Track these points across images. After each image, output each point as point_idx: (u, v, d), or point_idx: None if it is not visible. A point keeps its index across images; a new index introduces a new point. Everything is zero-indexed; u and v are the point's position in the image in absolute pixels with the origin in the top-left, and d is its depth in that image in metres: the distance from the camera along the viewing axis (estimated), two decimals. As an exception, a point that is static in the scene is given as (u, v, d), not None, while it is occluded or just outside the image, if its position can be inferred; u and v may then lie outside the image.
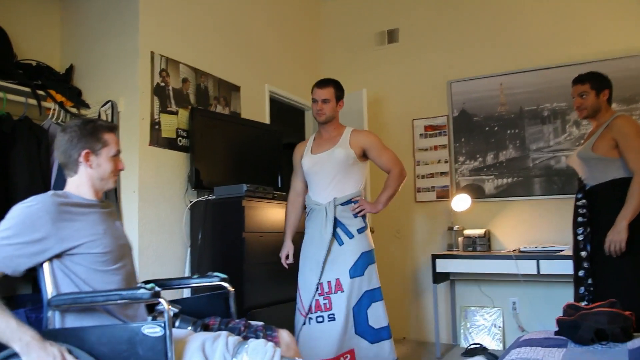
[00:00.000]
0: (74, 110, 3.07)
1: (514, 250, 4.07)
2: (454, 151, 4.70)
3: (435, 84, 4.81)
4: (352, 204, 2.98)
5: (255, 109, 4.12)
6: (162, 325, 1.52)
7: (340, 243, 2.92)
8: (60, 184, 2.73)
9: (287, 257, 3.09)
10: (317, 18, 5.39)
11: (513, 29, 4.54)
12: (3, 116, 2.62)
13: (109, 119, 3.10)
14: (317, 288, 2.88)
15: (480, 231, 4.36)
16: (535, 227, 4.32)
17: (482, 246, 4.30)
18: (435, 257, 4.17)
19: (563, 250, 3.81)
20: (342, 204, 2.95)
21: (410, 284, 4.78)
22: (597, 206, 2.88)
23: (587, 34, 4.26)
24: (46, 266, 1.69)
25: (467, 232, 4.40)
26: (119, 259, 1.84)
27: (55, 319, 1.67)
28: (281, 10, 4.70)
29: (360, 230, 2.97)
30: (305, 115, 5.12)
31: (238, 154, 3.68)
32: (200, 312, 2.12)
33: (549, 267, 3.75)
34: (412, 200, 4.83)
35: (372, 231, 4.25)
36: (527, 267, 3.80)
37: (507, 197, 4.45)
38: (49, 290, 1.69)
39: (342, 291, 2.85)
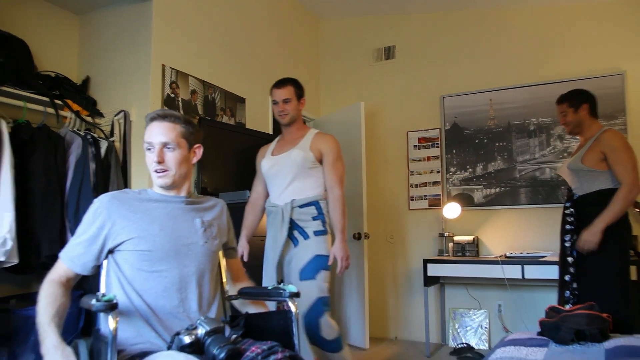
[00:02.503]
0: (89, 119, 3.07)
1: (500, 256, 4.09)
2: (445, 162, 4.73)
3: (428, 98, 4.85)
4: (313, 206, 2.73)
5: (259, 119, 4.15)
6: (106, 342, 1.36)
7: (296, 244, 2.70)
8: (75, 188, 2.76)
9: (241, 256, 2.78)
10: (318, 35, 5.43)
11: (502, 48, 4.59)
12: (23, 124, 2.62)
13: (122, 128, 3.10)
14: None
15: (469, 238, 4.38)
16: (520, 234, 4.35)
17: (470, 252, 4.32)
18: (426, 261, 4.18)
19: (546, 256, 3.84)
20: (300, 206, 2.72)
21: (403, 286, 4.79)
22: (584, 215, 2.91)
23: (570, 54, 4.31)
24: (104, 264, 1.62)
25: (456, 238, 4.42)
26: (170, 260, 1.62)
27: (101, 319, 1.54)
28: (284, 27, 4.73)
29: (318, 233, 2.71)
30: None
31: (242, 162, 3.69)
32: (268, 332, 1.74)
33: (533, 272, 3.76)
34: (405, 208, 4.85)
35: (366, 237, 4.31)
36: (513, 271, 3.82)
37: (495, 205, 4.48)
38: (101, 288, 1.62)
39: None
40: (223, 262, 1.95)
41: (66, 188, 2.76)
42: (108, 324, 1.47)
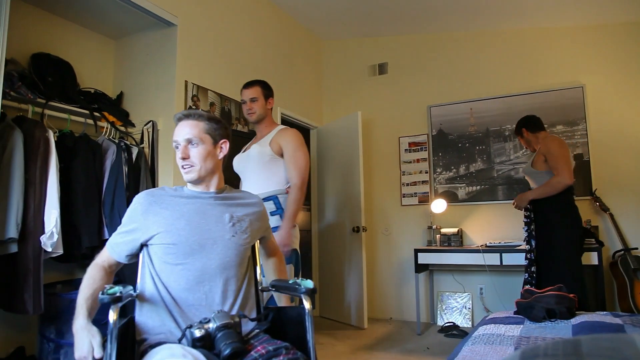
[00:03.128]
0: (122, 128, 3.09)
1: (481, 245, 4.10)
2: (432, 163, 4.75)
3: (417, 108, 4.86)
4: (271, 201, 2.47)
5: (269, 128, 4.16)
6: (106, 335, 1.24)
7: None
8: (110, 188, 2.77)
9: None
10: (320, 54, 5.45)
11: (480, 65, 4.61)
12: (67, 133, 2.65)
13: (150, 137, 3.10)
14: None
15: (454, 230, 4.40)
16: (498, 226, 4.36)
17: (455, 242, 4.34)
18: (417, 251, 4.18)
19: (521, 245, 3.83)
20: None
21: (396, 273, 4.81)
22: (537, 208, 3.10)
23: (538, 69, 4.34)
24: (140, 257, 1.53)
25: (443, 230, 4.44)
26: (194, 253, 1.47)
27: (136, 308, 1.48)
28: (291, 47, 4.75)
29: (274, 229, 2.37)
30: (310, 133, 5.17)
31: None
32: (289, 326, 1.59)
33: (509, 259, 3.78)
34: (398, 204, 4.87)
35: (364, 230, 4.33)
36: (492, 259, 3.83)
37: (476, 201, 4.50)
38: (138, 279, 1.52)
39: None
40: (258, 255, 1.76)
41: (103, 188, 2.77)
42: (139, 309, 1.41)
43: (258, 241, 1.75)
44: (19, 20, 2.75)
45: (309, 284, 1.52)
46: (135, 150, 2.98)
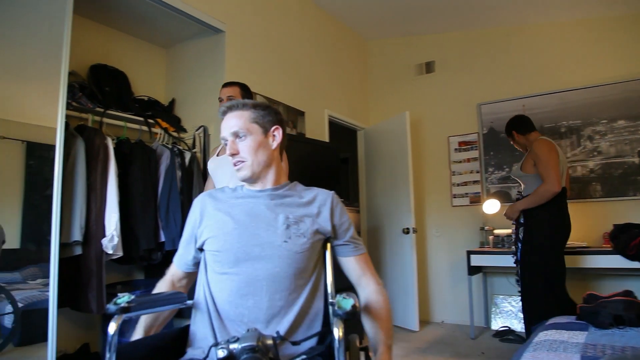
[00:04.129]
0: (175, 134, 3.17)
1: (537, 247, 3.95)
2: (484, 163, 4.61)
3: (466, 106, 4.75)
4: None
5: (317, 130, 4.19)
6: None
7: None
8: (165, 192, 2.84)
9: None
10: (365, 54, 5.42)
11: (532, 59, 4.44)
12: (124, 140, 2.75)
13: (202, 142, 3.18)
14: None
15: (508, 231, 4.23)
16: (556, 227, 4.18)
17: (509, 243, 4.19)
18: (469, 252, 4.09)
19: (579, 247, 3.67)
20: None
21: (449, 275, 4.71)
22: (526, 211, 3.13)
23: (597, 61, 4.12)
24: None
25: (496, 231, 4.30)
26: (239, 262, 1.27)
27: (192, 317, 1.36)
28: (336, 49, 4.76)
29: None
30: (357, 134, 5.15)
31: (304, 166, 3.71)
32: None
33: (567, 261, 3.58)
34: (448, 205, 4.77)
35: (414, 231, 4.27)
36: (550, 261, 3.67)
37: (531, 201, 4.33)
38: (196, 287, 1.38)
39: None
40: (330, 262, 1.41)
41: (158, 193, 2.85)
42: (191, 322, 1.33)
43: (329, 245, 1.42)
44: (79, 34, 2.89)
45: (347, 304, 1.11)
46: (188, 155, 3.06)
